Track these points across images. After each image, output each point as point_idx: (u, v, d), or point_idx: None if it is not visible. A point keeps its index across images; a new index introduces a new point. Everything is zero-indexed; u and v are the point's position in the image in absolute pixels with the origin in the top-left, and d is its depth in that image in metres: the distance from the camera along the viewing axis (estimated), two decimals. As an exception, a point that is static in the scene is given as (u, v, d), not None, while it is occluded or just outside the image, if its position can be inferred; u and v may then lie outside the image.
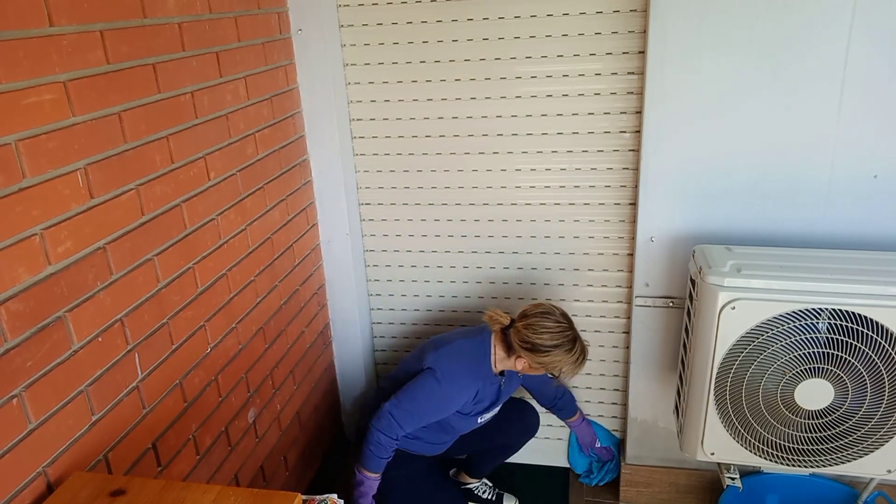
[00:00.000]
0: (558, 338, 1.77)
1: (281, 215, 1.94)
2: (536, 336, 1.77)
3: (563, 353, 1.77)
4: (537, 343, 1.77)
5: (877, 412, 1.62)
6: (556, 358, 1.77)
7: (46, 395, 1.11)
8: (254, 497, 1.06)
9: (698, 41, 1.73)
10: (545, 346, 1.76)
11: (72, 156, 1.15)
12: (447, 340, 1.93)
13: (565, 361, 1.79)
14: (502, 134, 2.08)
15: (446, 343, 1.92)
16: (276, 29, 1.89)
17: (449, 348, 1.90)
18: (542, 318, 1.79)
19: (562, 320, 1.80)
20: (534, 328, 1.77)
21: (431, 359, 1.88)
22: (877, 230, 1.82)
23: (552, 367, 1.80)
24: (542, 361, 1.78)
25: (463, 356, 1.89)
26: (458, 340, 1.92)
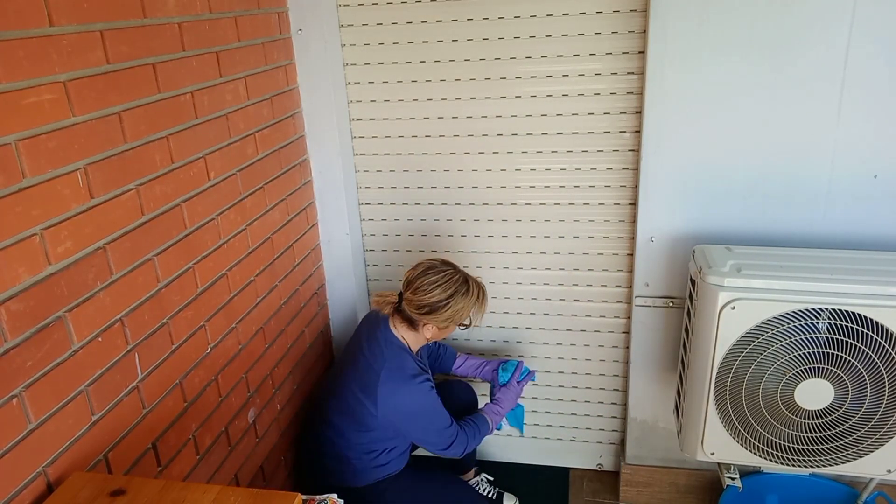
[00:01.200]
0: (450, 286, 1.73)
1: (281, 215, 1.94)
2: (429, 295, 1.72)
3: (461, 299, 1.73)
4: (433, 302, 1.72)
5: (877, 412, 1.62)
6: (457, 307, 1.73)
7: (46, 395, 1.11)
8: (254, 497, 1.06)
9: (698, 41, 1.74)
10: (441, 300, 1.72)
11: (72, 156, 1.15)
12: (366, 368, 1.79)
13: (467, 305, 1.75)
14: (502, 134, 2.08)
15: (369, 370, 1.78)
16: (276, 29, 1.89)
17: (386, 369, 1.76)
18: (424, 275, 1.74)
19: (444, 268, 1.76)
20: (423, 289, 1.73)
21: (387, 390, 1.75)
22: (877, 230, 1.83)
23: (458, 318, 1.76)
24: (446, 317, 1.74)
25: (399, 362, 1.79)
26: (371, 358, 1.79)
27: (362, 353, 1.84)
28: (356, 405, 1.80)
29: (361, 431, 1.83)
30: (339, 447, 1.85)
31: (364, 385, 1.79)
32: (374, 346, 1.82)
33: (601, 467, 2.43)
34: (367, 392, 1.78)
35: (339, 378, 1.89)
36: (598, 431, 2.40)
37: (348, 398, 1.82)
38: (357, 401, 1.80)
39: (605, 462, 2.43)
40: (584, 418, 2.39)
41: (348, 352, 1.95)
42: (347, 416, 1.83)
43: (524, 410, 2.14)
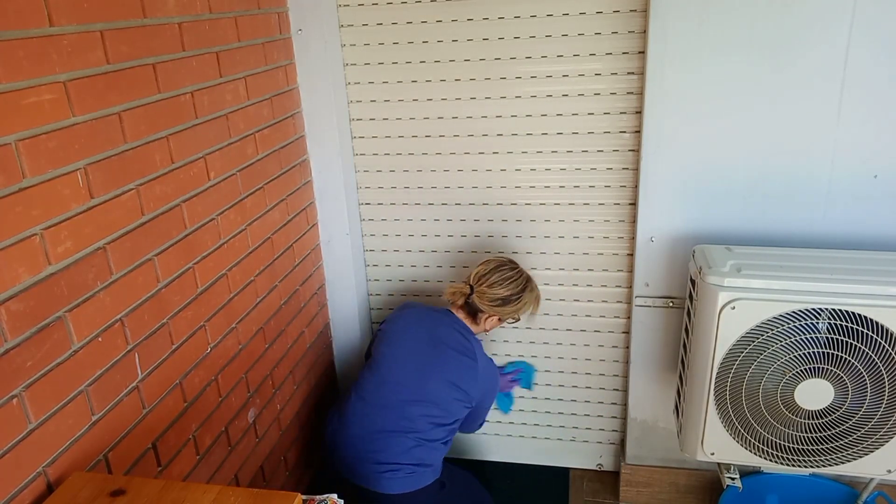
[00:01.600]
0: (521, 283, 1.91)
1: (281, 215, 1.94)
2: (503, 289, 1.88)
3: (528, 294, 1.93)
4: (507, 295, 1.89)
5: (877, 412, 1.62)
6: (524, 301, 1.92)
7: (46, 395, 1.11)
8: (254, 497, 1.06)
9: (698, 41, 1.74)
10: (514, 294, 1.90)
11: (72, 156, 1.15)
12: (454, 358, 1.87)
13: (530, 301, 1.94)
14: (502, 134, 2.08)
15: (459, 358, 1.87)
16: (276, 29, 1.89)
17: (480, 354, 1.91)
18: (497, 272, 1.90)
19: (514, 266, 1.93)
20: (498, 283, 1.89)
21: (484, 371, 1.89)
22: (877, 230, 1.83)
23: (520, 312, 1.94)
24: (514, 309, 1.91)
25: (480, 345, 1.93)
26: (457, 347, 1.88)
27: (447, 348, 1.87)
28: (452, 396, 1.85)
29: (445, 425, 1.85)
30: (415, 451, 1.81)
31: (464, 375, 1.86)
32: (454, 337, 1.91)
33: (601, 467, 2.43)
34: (465, 379, 1.86)
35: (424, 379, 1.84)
36: (598, 431, 2.40)
37: (442, 392, 1.84)
38: (456, 390, 1.85)
39: (605, 462, 2.43)
40: (584, 418, 2.39)
41: (413, 354, 1.88)
42: (439, 409, 1.83)
43: (513, 397, 2.34)
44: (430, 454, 1.83)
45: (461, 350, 1.88)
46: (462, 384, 1.85)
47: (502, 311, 1.90)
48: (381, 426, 1.83)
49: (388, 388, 1.86)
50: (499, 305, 1.89)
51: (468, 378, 1.86)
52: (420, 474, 1.81)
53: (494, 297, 1.88)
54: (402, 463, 1.79)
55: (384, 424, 1.82)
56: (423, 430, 1.82)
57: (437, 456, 1.85)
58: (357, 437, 1.84)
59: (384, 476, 1.78)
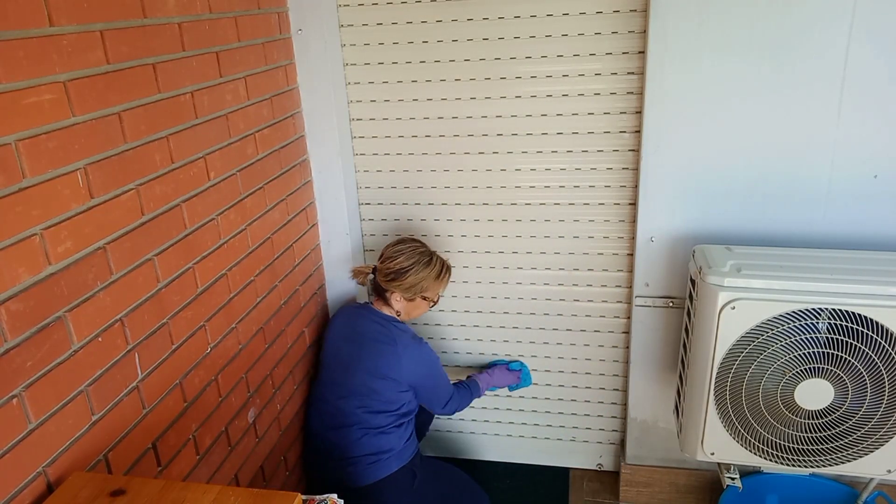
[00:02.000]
0: (414, 255, 1.90)
1: (281, 215, 1.94)
2: (395, 262, 1.90)
3: (423, 268, 1.90)
4: (398, 269, 1.89)
5: (877, 412, 1.62)
6: (419, 275, 1.89)
7: (46, 395, 1.11)
8: (254, 497, 1.06)
9: (698, 41, 1.74)
10: (404, 267, 1.89)
11: (72, 156, 1.15)
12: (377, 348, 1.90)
13: (428, 275, 1.90)
14: (502, 134, 2.08)
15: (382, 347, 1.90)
16: (276, 29, 1.89)
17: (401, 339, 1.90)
18: (394, 246, 1.94)
19: (413, 242, 1.94)
20: (391, 258, 1.91)
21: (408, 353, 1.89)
22: (877, 230, 1.83)
23: (421, 288, 1.91)
24: (409, 284, 1.89)
25: (404, 328, 1.94)
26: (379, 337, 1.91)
27: (365, 340, 1.92)
28: (380, 384, 1.88)
29: (385, 412, 1.88)
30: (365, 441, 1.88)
31: (384, 362, 1.88)
32: (374, 328, 1.93)
33: (601, 467, 2.43)
34: (387, 366, 1.87)
35: (349, 375, 1.92)
36: (598, 431, 2.40)
37: (368, 383, 1.88)
38: (381, 378, 1.88)
39: (605, 462, 2.43)
40: (584, 418, 2.39)
41: (339, 353, 1.98)
42: (372, 399, 1.88)
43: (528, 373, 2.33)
44: (382, 440, 1.88)
45: (379, 339, 1.91)
46: (384, 371, 1.88)
47: (400, 286, 1.89)
48: (329, 424, 1.95)
49: (327, 389, 1.99)
50: (392, 279, 1.89)
51: (389, 364, 1.88)
52: (382, 462, 1.86)
53: (388, 271, 1.90)
54: (357, 455, 1.87)
55: (331, 421, 1.94)
56: (364, 420, 1.88)
57: (392, 441, 1.89)
58: (315, 436, 2.00)
59: (347, 470, 1.87)
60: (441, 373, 1.99)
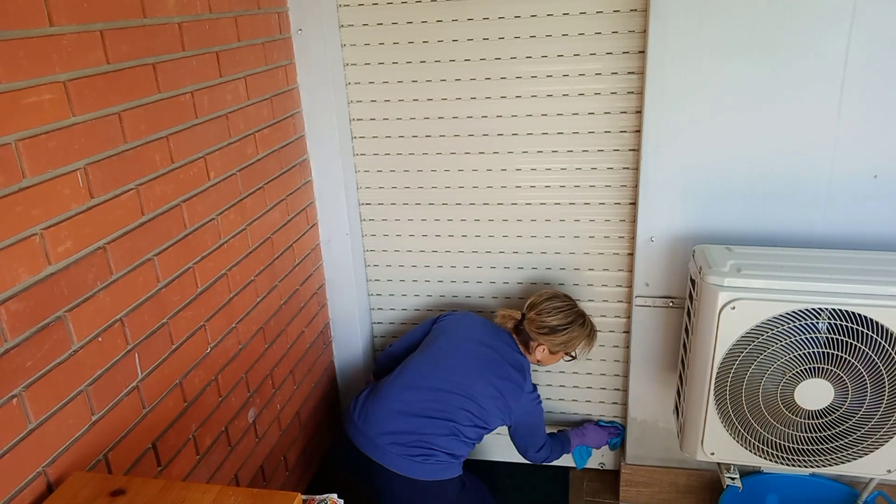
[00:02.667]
0: (571, 315, 1.93)
1: (281, 215, 1.94)
2: (551, 318, 1.91)
3: (578, 328, 1.94)
4: (554, 325, 1.91)
5: (877, 412, 1.62)
6: (573, 334, 1.93)
7: (46, 395, 1.11)
8: (254, 497, 1.06)
9: (698, 41, 1.73)
10: (562, 325, 1.92)
11: (72, 156, 1.15)
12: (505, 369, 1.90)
13: (581, 335, 1.95)
14: (502, 134, 2.08)
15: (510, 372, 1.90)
16: (276, 29, 1.89)
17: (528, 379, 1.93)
18: (550, 301, 1.94)
19: (567, 300, 1.97)
20: (547, 311, 1.92)
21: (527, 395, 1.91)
22: (877, 230, 1.82)
23: (570, 346, 1.96)
24: (561, 341, 1.92)
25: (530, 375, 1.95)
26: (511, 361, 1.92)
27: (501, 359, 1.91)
28: (493, 403, 1.86)
29: (478, 427, 1.86)
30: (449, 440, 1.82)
31: (507, 388, 1.88)
32: (508, 351, 1.94)
33: (603, 466, 2.43)
34: (509, 393, 1.87)
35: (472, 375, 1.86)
36: (598, 431, 2.40)
37: (485, 394, 1.85)
38: (499, 398, 1.86)
39: (606, 462, 2.43)
40: (584, 418, 2.39)
41: (464, 348, 1.93)
42: (478, 409, 1.84)
43: (591, 455, 2.30)
44: (462, 448, 1.85)
45: (513, 364, 1.92)
46: (506, 395, 1.87)
47: (551, 341, 1.92)
48: (420, 408, 1.82)
49: (438, 374, 1.87)
50: (546, 334, 1.92)
51: (513, 392, 1.88)
52: (449, 465, 1.82)
53: (543, 325, 1.91)
54: (435, 449, 1.79)
55: (425, 407, 1.82)
56: (461, 422, 1.83)
57: (465, 451, 1.87)
58: (393, 413, 1.81)
59: (414, 459, 1.77)
60: (542, 424, 2.01)
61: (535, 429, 1.99)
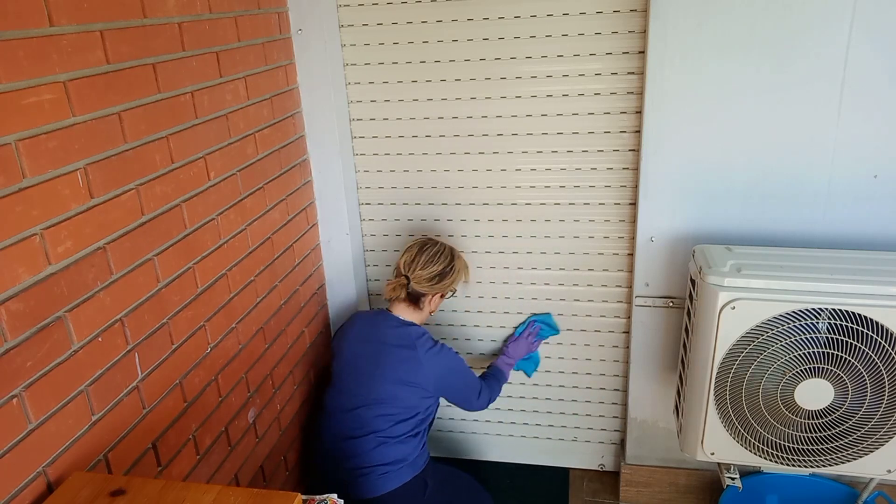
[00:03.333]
0: (447, 253, 1.96)
1: (281, 215, 1.94)
2: (436, 265, 1.93)
3: (458, 261, 1.98)
4: (441, 270, 1.93)
5: (877, 412, 1.62)
6: (457, 267, 1.97)
7: (46, 395, 1.11)
8: (254, 497, 1.06)
9: (698, 41, 1.74)
10: (446, 266, 1.94)
11: (72, 156, 1.15)
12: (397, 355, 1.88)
13: (461, 266, 1.99)
14: (502, 134, 2.08)
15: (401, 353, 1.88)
16: (276, 29, 1.89)
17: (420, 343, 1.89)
18: (423, 252, 1.94)
19: (435, 241, 1.98)
20: (428, 262, 1.93)
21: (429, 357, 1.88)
22: (877, 230, 1.83)
23: (454, 283, 1.98)
24: (450, 281, 1.95)
25: (422, 331, 1.94)
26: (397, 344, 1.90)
27: (384, 346, 1.91)
28: (403, 391, 1.87)
29: (405, 420, 1.87)
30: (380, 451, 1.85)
31: (407, 368, 1.87)
32: (392, 334, 1.92)
33: (603, 467, 2.43)
34: (410, 372, 1.87)
35: (370, 382, 1.89)
36: (598, 431, 2.40)
37: (391, 390, 1.87)
38: (405, 385, 1.87)
39: (606, 462, 2.43)
40: (584, 418, 2.39)
41: (357, 360, 1.94)
42: (393, 406, 1.86)
43: (538, 358, 2.29)
44: (398, 450, 1.86)
45: (399, 344, 1.90)
46: (408, 377, 1.87)
47: (441, 286, 1.94)
48: (344, 433, 1.90)
49: (343, 398, 1.94)
50: (437, 282, 1.92)
51: (411, 369, 1.87)
52: (395, 473, 1.84)
53: (431, 276, 1.92)
54: (370, 465, 1.84)
55: (347, 430, 1.90)
56: (383, 428, 1.86)
57: (407, 450, 1.87)
58: (328, 446, 1.93)
59: (359, 481, 1.84)
60: (465, 368, 1.98)
61: (461, 378, 1.97)
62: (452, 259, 1.95)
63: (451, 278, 1.95)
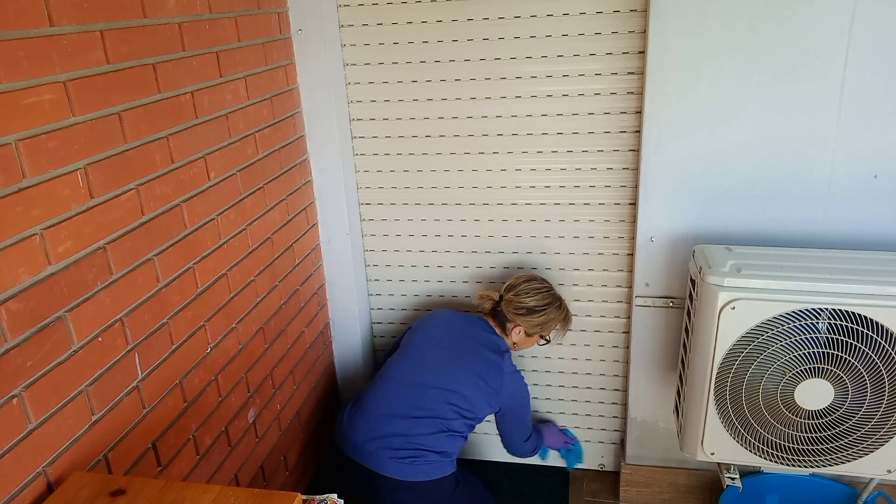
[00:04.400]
0: (548, 296, 1.96)
1: (281, 215, 1.94)
2: (529, 298, 1.94)
3: (555, 310, 1.97)
4: (532, 305, 1.94)
5: (877, 412, 1.62)
6: (549, 316, 1.96)
7: (46, 395, 1.11)
8: (254, 497, 1.06)
9: (698, 41, 1.74)
10: (539, 306, 1.94)
11: (72, 156, 1.15)
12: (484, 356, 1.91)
13: (557, 318, 1.98)
14: (502, 134, 2.08)
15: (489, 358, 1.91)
16: (276, 29, 1.89)
17: (507, 360, 1.93)
18: (528, 283, 1.97)
19: (544, 282, 2.00)
20: (525, 292, 1.95)
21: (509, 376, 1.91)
22: (877, 230, 1.83)
23: (546, 328, 1.98)
24: (537, 322, 1.94)
25: (510, 355, 1.97)
26: (489, 348, 1.93)
27: (476, 344, 1.92)
28: (476, 391, 1.87)
29: (466, 418, 1.87)
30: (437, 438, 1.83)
31: (488, 371, 1.89)
32: (483, 336, 1.95)
33: (603, 467, 2.43)
34: (491, 376, 1.89)
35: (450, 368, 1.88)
36: (598, 431, 2.40)
37: (467, 383, 1.87)
38: (482, 384, 1.87)
39: (606, 462, 2.43)
40: (584, 418, 2.39)
41: (442, 342, 1.94)
42: (463, 401, 1.86)
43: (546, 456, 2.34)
44: (452, 444, 1.85)
45: (490, 347, 1.93)
46: (489, 379, 1.88)
47: (528, 322, 1.94)
48: (403, 409, 1.83)
49: (416, 371, 1.88)
50: (523, 314, 1.93)
51: (493, 375, 1.88)
52: (440, 464, 1.82)
53: (520, 306, 1.93)
54: (425, 449, 1.80)
55: (408, 407, 1.83)
56: (447, 417, 1.83)
57: (456, 447, 1.87)
58: (378, 417, 1.83)
59: (404, 462, 1.78)
60: (530, 409, 2.03)
61: (523, 413, 2.00)
62: (550, 305, 1.95)
63: (540, 319, 1.94)
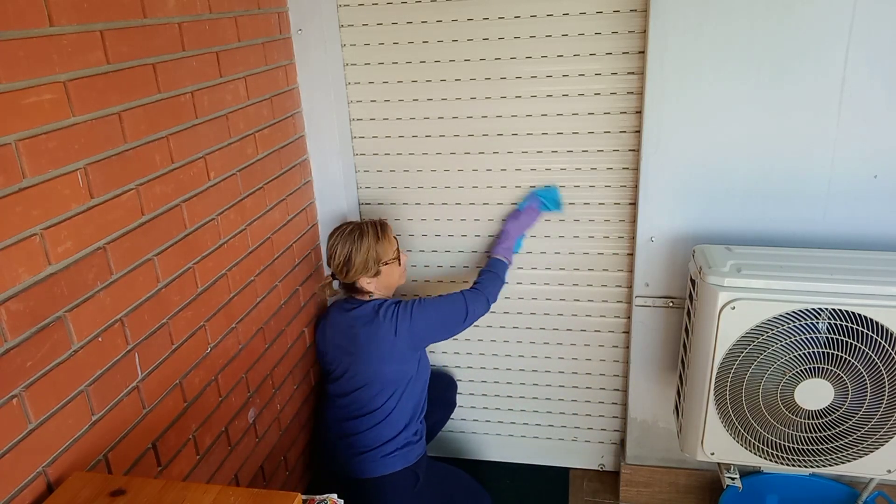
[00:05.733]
0: (344, 238, 1.88)
1: (281, 215, 1.94)
2: (337, 256, 1.88)
3: (360, 243, 1.87)
4: (343, 259, 1.88)
5: (877, 412, 1.62)
6: (361, 251, 1.86)
7: (46, 395, 1.11)
8: (254, 497, 1.06)
9: (698, 41, 1.74)
10: (346, 254, 1.87)
11: (72, 156, 1.15)
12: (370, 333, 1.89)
13: (371, 246, 1.88)
14: (502, 134, 2.08)
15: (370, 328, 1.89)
16: (276, 29, 1.89)
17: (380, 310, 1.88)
18: (329, 244, 1.91)
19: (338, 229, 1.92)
20: (332, 255, 1.90)
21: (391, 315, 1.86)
22: (877, 230, 1.83)
23: (376, 259, 1.89)
24: (362, 265, 1.87)
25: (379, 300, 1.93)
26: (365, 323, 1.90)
27: (353, 332, 1.92)
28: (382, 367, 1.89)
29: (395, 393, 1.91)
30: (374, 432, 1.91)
31: (376, 345, 1.87)
32: (358, 315, 1.91)
33: (603, 467, 2.44)
34: (381, 346, 1.87)
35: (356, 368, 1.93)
36: (598, 431, 2.40)
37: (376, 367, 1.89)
38: (381, 361, 1.88)
39: (606, 462, 2.43)
40: (584, 418, 2.39)
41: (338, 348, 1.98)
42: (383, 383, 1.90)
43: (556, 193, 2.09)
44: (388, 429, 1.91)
45: (365, 322, 1.89)
46: (382, 353, 1.88)
47: (357, 270, 1.87)
48: (344, 414, 1.95)
49: (339, 384, 1.98)
50: (347, 271, 1.89)
51: (381, 343, 1.86)
52: (386, 458, 1.90)
53: (339, 267, 1.89)
54: (366, 447, 1.91)
55: (346, 413, 1.95)
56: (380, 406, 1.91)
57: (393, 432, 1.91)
58: (331, 428, 1.99)
59: (354, 461, 1.92)
60: (435, 305, 1.88)
61: (435, 317, 1.88)
62: (354, 242, 1.87)
63: (359, 261, 1.86)
